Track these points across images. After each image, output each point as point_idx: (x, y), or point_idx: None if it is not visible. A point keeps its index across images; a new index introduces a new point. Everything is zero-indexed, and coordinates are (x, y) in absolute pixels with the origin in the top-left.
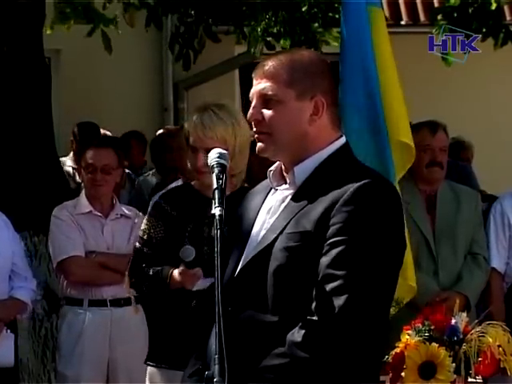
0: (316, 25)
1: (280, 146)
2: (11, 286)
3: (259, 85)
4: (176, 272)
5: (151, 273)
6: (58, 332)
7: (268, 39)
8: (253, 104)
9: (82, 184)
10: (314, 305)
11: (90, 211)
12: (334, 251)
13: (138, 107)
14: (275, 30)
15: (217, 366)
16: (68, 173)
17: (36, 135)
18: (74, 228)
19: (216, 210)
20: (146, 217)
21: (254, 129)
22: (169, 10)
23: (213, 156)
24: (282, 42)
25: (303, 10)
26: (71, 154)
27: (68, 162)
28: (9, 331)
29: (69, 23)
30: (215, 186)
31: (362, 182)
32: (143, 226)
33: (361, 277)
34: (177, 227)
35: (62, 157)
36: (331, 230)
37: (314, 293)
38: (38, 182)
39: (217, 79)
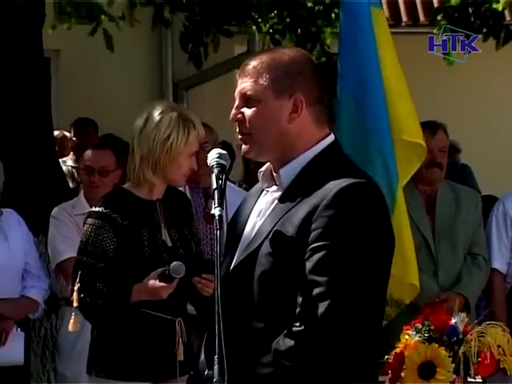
0: (320, 22)
1: (262, 146)
2: (24, 285)
3: (241, 84)
4: (140, 285)
5: (104, 289)
6: (57, 332)
7: (275, 36)
8: (235, 104)
9: (81, 184)
10: (297, 311)
11: None
12: (316, 257)
13: (137, 107)
14: (281, 27)
15: (216, 366)
16: (69, 171)
17: (36, 135)
18: (73, 229)
19: (216, 211)
20: (92, 229)
21: (238, 129)
22: (176, 8)
23: (212, 156)
24: (287, 36)
25: (308, 5)
26: (71, 153)
27: (68, 162)
28: (19, 329)
29: (70, 22)
30: (215, 186)
31: (343, 184)
32: (90, 239)
33: (342, 282)
34: (131, 237)
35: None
36: (312, 235)
37: (298, 299)
38: (38, 182)
39: (217, 79)
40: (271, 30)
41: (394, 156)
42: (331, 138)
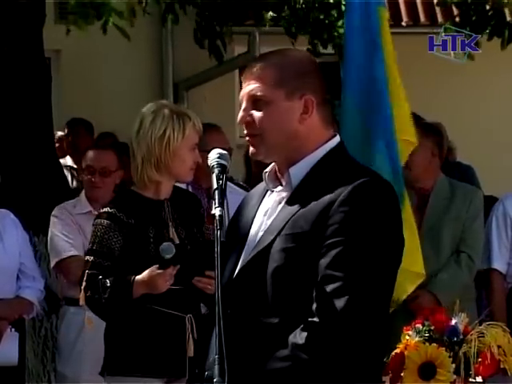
0: (333, 12)
1: (271, 147)
2: (19, 285)
3: (248, 86)
4: (139, 278)
5: (109, 284)
6: (57, 332)
7: (291, 28)
8: (243, 106)
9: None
10: (314, 306)
11: (90, 211)
12: (333, 252)
13: (138, 108)
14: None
15: (217, 366)
16: (70, 171)
17: (36, 135)
18: (74, 228)
19: (216, 211)
20: (99, 228)
21: (245, 131)
22: (186, 3)
23: (213, 156)
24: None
25: None
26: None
27: (66, 163)
28: (13, 330)
29: (83, 23)
30: (215, 186)
31: (358, 181)
32: (97, 239)
33: (360, 277)
34: (137, 235)
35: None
36: (329, 230)
37: (315, 294)
38: (38, 182)
39: (217, 79)
40: (286, 24)
41: (399, 155)
42: (337, 138)
